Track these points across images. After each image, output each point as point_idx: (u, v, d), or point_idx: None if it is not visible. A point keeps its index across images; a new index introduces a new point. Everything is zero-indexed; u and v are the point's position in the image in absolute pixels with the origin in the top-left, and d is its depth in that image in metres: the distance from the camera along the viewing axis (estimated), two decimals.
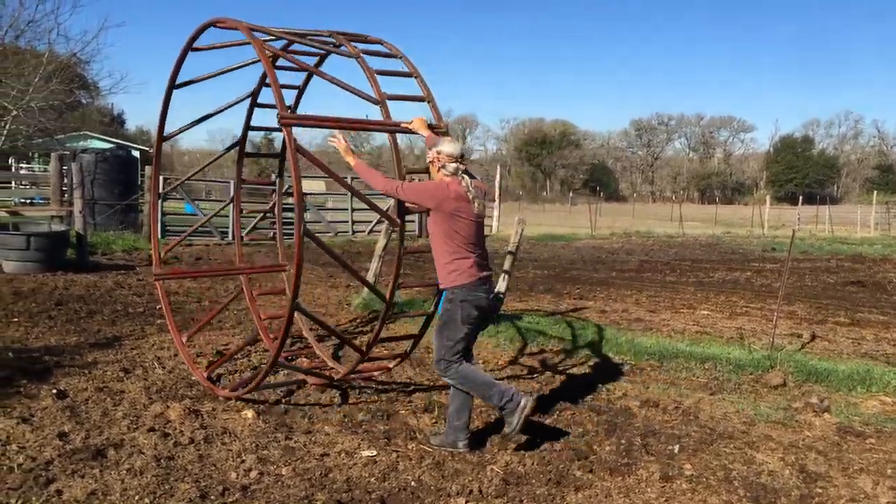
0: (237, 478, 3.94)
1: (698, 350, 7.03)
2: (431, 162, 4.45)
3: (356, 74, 5.25)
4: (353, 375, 5.47)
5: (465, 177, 4.36)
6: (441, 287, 4.46)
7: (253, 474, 3.99)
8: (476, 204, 4.34)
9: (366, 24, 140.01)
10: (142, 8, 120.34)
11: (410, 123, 4.81)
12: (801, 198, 41.09)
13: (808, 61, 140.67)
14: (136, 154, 22.20)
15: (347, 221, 20.96)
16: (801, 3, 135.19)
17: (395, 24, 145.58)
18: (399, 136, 5.26)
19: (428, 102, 5.27)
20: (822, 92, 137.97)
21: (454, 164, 4.35)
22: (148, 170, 16.71)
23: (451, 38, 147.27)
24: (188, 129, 6.40)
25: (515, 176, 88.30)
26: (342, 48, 5.26)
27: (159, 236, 14.80)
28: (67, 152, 18.16)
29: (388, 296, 4.99)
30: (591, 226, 25.94)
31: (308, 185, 26.64)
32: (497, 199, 25.18)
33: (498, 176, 26.72)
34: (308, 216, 20.70)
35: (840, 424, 5.25)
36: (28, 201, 23.28)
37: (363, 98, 5.03)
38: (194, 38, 5.45)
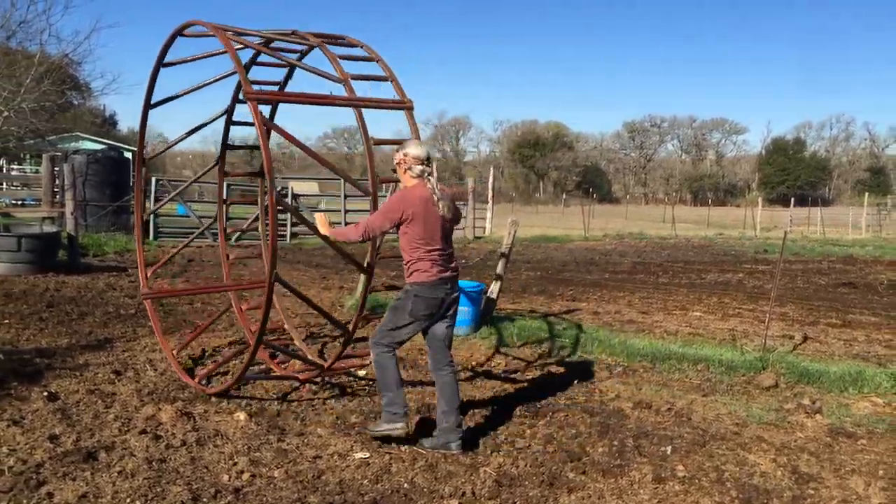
0: (229, 480, 3.93)
1: (691, 351, 7.05)
2: (398, 164, 4.51)
3: (322, 62, 5.35)
4: (340, 364, 5.63)
5: (431, 179, 4.46)
6: (407, 283, 4.59)
7: (245, 476, 3.97)
8: (441, 206, 4.43)
9: (361, 24, 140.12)
10: (134, 9, 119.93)
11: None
12: (792, 200, 41.24)
13: (800, 64, 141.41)
14: (129, 155, 22.10)
15: (341, 223, 20.92)
16: (793, 5, 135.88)
17: (389, 25, 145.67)
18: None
19: (391, 81, 5.35)
20: (813, 94, 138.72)
21: (420, 167, 4.44)
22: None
23: (444, 40, 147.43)
24: (167, 150, 6.45)
25: (509, 177, 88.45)
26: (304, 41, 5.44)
27: (151, 237, 14.75)
28: (59, 153, 18.10)
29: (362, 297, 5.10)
30: (584, 227, 25.98)
31: (301, 187, 26.60)
32: (490, 201, 25.18)
33: (491, 177, 26.73)
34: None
35: (832, 425, 5.27)
36: (19, 202, 23.16)
37: (327, 78, 5.14)
38: (168, 45, 5.63)
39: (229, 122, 6.62)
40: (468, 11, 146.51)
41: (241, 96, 5.76)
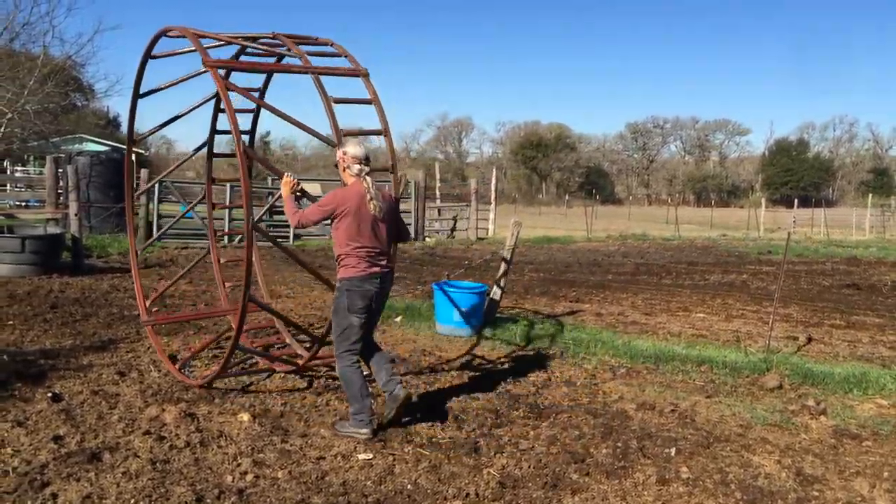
0: (233, 481, 3.93)
1: (694, 353, 7.04)
2: (339, 161, 4.76)
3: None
4: (314, 362, 5.83)
5: (367, 178, 4.69)
6: (337, 278, 4.81)
7: (249, 477, 3.98)
8: (373, 205, 4.64)
9: (363, 24, 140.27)
10: (137, 11, 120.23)
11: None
12: (796, 200, 41.18)
13: (803, 65, 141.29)
14: (132, 157, 22.13)
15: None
16: (796, 6, 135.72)
17: (389, 25, 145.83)
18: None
19: (364, 77, 5.52)
20: (817, 95, 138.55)
21: (358, 166, 4.69)
22: (143, 173, 16.72)
23: (446, 41, 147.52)
24: (156, 131, 7.05)
25: (511, 179, 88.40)
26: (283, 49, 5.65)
27: (154, 237, 14.75)
28: (63, 155, 18.15)
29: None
30: (587, 228, 25.96)
31: (305, 188, 26.56)
32: (493, 202, 25.18)
33: (494, 179, 26.71)
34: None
35: (836, 427, 5.26)
36: (23, 204, 23.21)
37: (294, 72, 5.46)
38: (151, 47, 5.84)
39: (213, 133, 6.95)
40: (471, 12, 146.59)
41: (222, 105, 6.11)
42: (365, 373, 5.00)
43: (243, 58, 6.13)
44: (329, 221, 4.78)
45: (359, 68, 5.47)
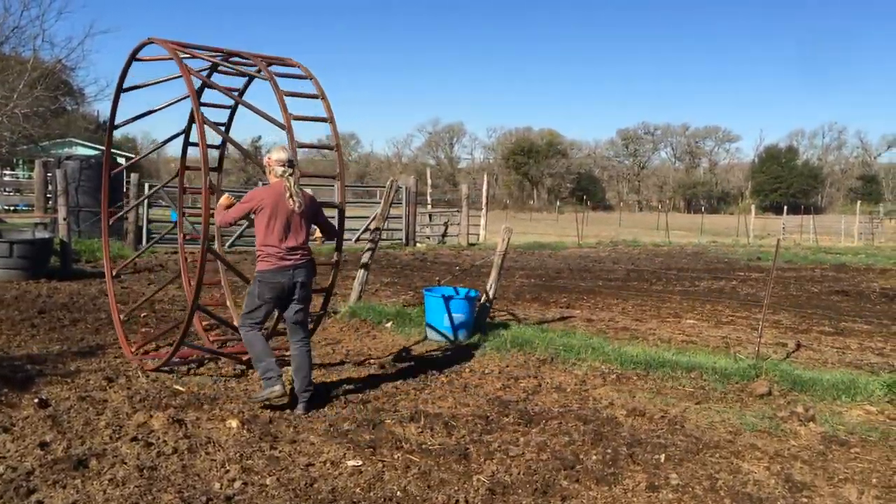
0: (221, 488, 3.90)
1: (684, 359, 7.05)
2: (266, 165, 5.25)
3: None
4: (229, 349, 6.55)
5: (290, 179, 5.11)
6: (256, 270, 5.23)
7: (237, 484, 3.95)
8: (293, 201, 5.08)
9: (352, 30, 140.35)
10: (128, 15, 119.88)
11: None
12: (785, 207, 41.38)
13: (793, 72, 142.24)
14: (122, 161, 22.02)
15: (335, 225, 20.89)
16: (786, 14, 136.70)
17: (383, 29, 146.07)
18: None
19: (322, 99, 6.11)
20: (806, 103, 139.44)
21: (281, 168, 5.13)
22: (133, 177, 16.63)
23: (438, 47, 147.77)
24: (133, 121, 7.23)
25: (503, 184, 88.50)
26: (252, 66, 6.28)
27: (144, 243, 14.64)
28: (52, 159, 18.04)
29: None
30: (578, 234, 26.01)
31: None
32: (484, 208, 25.20)
33: (485, 184, 26.73)
34: None
35: (825, 433, 5.28)
36: (11, 208, 23.08)
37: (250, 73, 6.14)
38: (136, 52, 6.19)
39: (186, 143, 7.26)
40: (463, 18, 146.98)
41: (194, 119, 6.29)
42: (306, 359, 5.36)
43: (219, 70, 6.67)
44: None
45: (320, 93, 6.05)
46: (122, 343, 6.58)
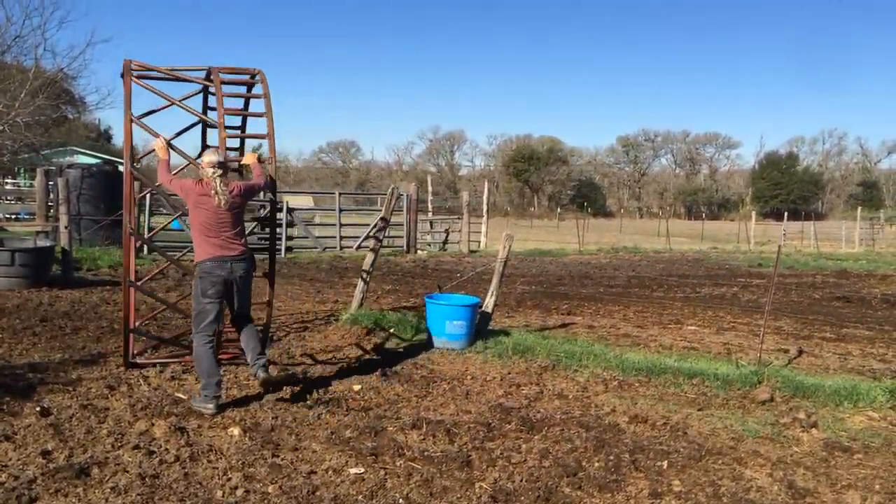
0: (223, 496, 3.90)
1: (686, 365, 7.04)
2: (200, 167, 5.63)
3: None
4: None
5: (217, 179, 5.42)
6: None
7: (239, 492, 3.95)
8: (217, 198, 5.38)
9: (357, 32, 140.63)
10: (130, 24, 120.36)
11: (244, 158, 6.26)
12: (786, 213, 41.39)
13: (793, 78, 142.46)
14: (123, 169, 22.06)
15: (335, 237, 20.92)
16: (786, 21, 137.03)
17: (387, 38, 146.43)
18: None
19: (266, 116, 6.58)
20: (806, 109, 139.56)
21: (211, 169, 5.46)
22: (136, 185, 16.66)
23: (439, 55, 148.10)
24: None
25: (503, 191, 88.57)
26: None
27: (146, 252, 14.64)
28: (53, 167, 18.09)
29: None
30: (579, 241, 26.02)
31: (296, 200, 26.57)
32: (485, 215, 25.22)
33: (486, 191, 26.77)
34: (296, 231, 20.66)
35: (827, 440, 5.27)
36: (13, 216, 23.11)
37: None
38: (123, 75, 6.51)
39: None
40: (464, 25, 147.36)
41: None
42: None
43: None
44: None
45: (267, 114, 6.54)
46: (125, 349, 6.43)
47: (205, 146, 7.35)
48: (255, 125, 8.29)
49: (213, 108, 6.89)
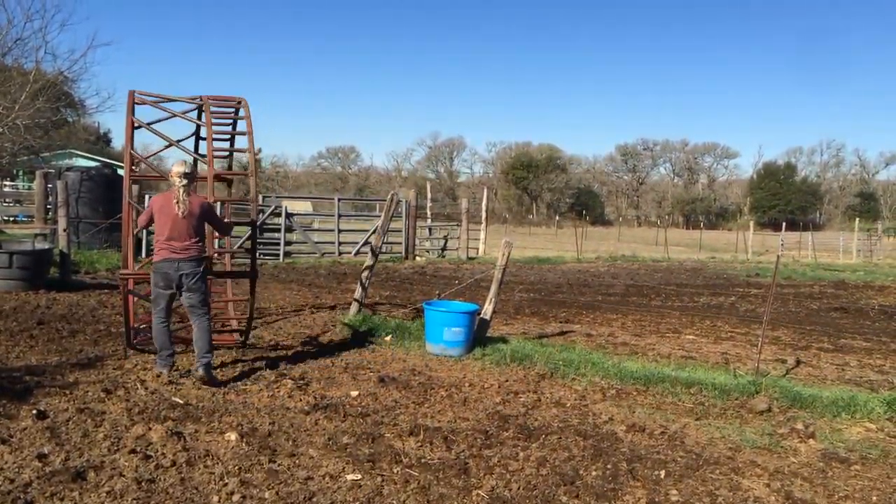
0: (219, 501, 3.89)
1: (684, 375, 7.04)
2: (169, 176, 6.23)
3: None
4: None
5: (182, 189, 6.09)
6: None
7: (235, 498, 3.93)
8: (178, 206, 6.07)
9: (355, 43, 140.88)
10: (130, 27, 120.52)
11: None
12: (783, 224, 41.46)
13: (790, 89, 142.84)
14: (122, 172, 22.08)
15: (334, 242, 20.92)
16: (784, 30, 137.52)
17: (386, 45, 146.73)
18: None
19: (248, 134, 7.49)
20: (804, 119, 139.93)
21: (178, 180, 6.11)
22: (135, 189, 16.65)
23: (438, 62, 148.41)
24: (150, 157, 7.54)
25: (502, 199, 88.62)
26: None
27: (144, 255, 14.65)
28: (52, 170, 18.07)
29: None
30: (577, 249, 26.03)
31: (295, 206, 26.57)
32: (484, 222, 25.23)
33: (485, 198, 26.77)
34: (295, 236, 20.65)
35: (825, 451, 5.26)
36: (11, 219, 23.08)
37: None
38: (128, 105, 7.39)
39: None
40: (463, 33, 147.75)
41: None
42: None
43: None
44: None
45: (249, 133, 7.44)
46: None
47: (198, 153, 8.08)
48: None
49: (203, 138, 7.96)
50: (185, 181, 6.12)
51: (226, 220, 7.18)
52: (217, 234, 7.18)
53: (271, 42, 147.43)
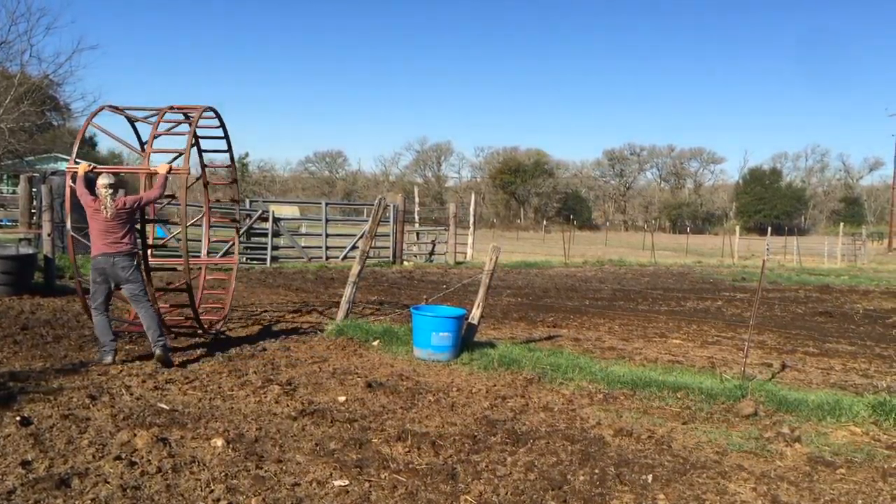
0: None
1: (671, 379, 7.06)
2: (97, 187, 7.02)
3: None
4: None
5: (108, 197, 6.94)
6: None
7: None
8: (105, 211, 6.90)
9: (343, 48, 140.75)
10: (116, 31, 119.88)
11: (159, 167, 7.55)
12: (769, 228, 41.76)
13: (776, 95, 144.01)
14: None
15: (321, 247, 20.87)
16: (770, 37, 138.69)
17: (374, 50, 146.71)
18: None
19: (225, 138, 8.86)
20: (789, 126, 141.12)
21: (104, 190, 6.95)
22: (120, 193, 16.55)
23: (426, 67, 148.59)
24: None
25: (490, 203, 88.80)
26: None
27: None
28: (37, 174, 17.92)
29: None
30: (565, 254, 26.10)
31: (282, 210, 26.46)
32: (472, 227, 25.25)
33: (473, 203, 26.80)
34: (282, 241, 20.58)
35: (811, 454, 5.29)
36: None
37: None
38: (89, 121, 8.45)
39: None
40: (451, 38, 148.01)
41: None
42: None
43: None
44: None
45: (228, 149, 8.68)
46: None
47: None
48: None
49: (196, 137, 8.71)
50: (110, 190, 7.00)
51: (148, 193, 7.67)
52: (152, 204, 8.16)
53: (259, 46, 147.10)
